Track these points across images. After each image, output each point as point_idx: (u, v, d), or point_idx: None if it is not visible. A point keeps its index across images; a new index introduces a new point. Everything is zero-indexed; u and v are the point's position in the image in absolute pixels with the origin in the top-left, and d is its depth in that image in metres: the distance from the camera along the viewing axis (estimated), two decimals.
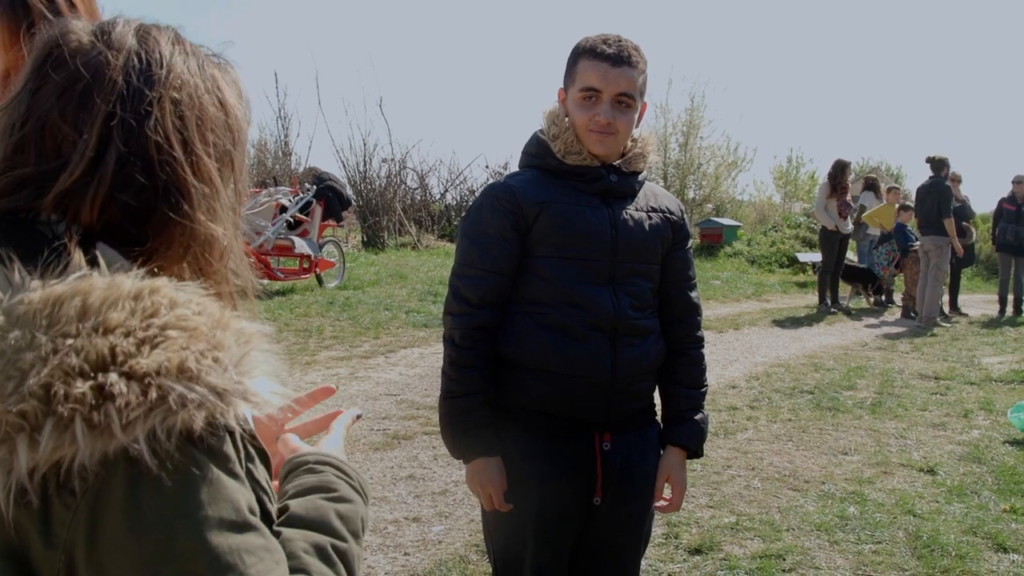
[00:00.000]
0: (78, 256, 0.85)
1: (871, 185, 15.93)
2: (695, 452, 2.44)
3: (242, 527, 0.83)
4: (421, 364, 8.19)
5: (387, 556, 4.03)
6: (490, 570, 3.46)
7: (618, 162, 2.31)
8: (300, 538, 0.97)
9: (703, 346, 2.47)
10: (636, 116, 2.27)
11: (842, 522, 4.54)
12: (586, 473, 2.29)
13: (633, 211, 2.31)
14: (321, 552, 0.97)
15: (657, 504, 2.44)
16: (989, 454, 5.88)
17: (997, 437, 6.33)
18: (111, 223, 0.91)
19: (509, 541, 2.33)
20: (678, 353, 2.41)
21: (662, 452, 2.43)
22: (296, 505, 1.02)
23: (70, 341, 0.79)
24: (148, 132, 0.91)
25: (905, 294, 13.49)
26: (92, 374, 0.78)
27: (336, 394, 6.40)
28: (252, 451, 0.92)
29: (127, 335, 0.80)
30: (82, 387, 0.77)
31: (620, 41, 2.22)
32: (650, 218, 2.33)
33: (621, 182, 2.30)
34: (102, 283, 0.83)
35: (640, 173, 2.36)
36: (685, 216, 2.46)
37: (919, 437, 6.32)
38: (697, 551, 4.13)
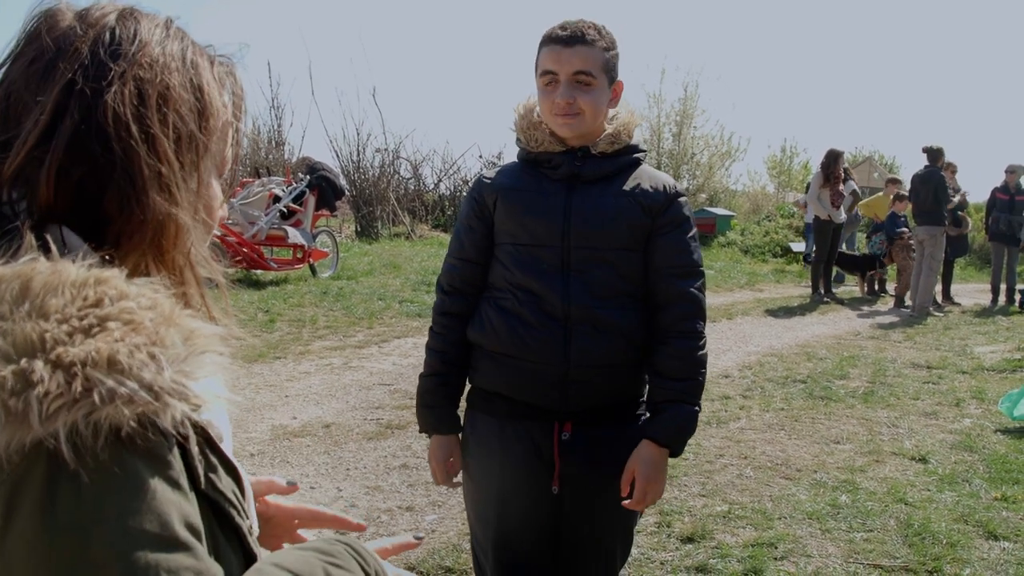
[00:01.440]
0: (29, 239, 0.82)
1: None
2: (670, 448, 2.23)
3: (169, 544, 0.77)
4: (415, 354, 8.18)
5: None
6: None
7: (596, 144, 2.26)
8: None
9: (692, 338, 2.26)
10: (601, 94, 2.20)
11: (834, 510, 4.56)
12: (544, 460, 2.28)
13: (599, 196, 2.23)
14: None
15: (624, 501, 2.26)
16: (980, 442, 5.91)
17: (989, 426, 6.36)
18: (71, 204, 0.88)
19: (476, 518, 2.42)
20: (660, 343, 2.26)
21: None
22: (285, 553, 0.97)
23: (1, 324, 0.75)
24: (105, 104, 0.88)
25: (902, 282, 13.46)
26: (16, 359, 0.74)
27: (329, 384, 6.37)
28: (213, 460, 0.88)
29: (62, 322, 0.76)
30: (3, 371, 0.73)
31: (577, 23, 2.20)
32: (617, 202, 2.23)
33: (587, 166, 2.25)
34: (46, 268, 0.79)
35: (615, 156, 2.27)
36: (680, 200, 2.30)
37: (911, 426, 6.34)
38: (689, 539, 4.14)
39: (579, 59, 2.16)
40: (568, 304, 2.20)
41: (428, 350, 2.43)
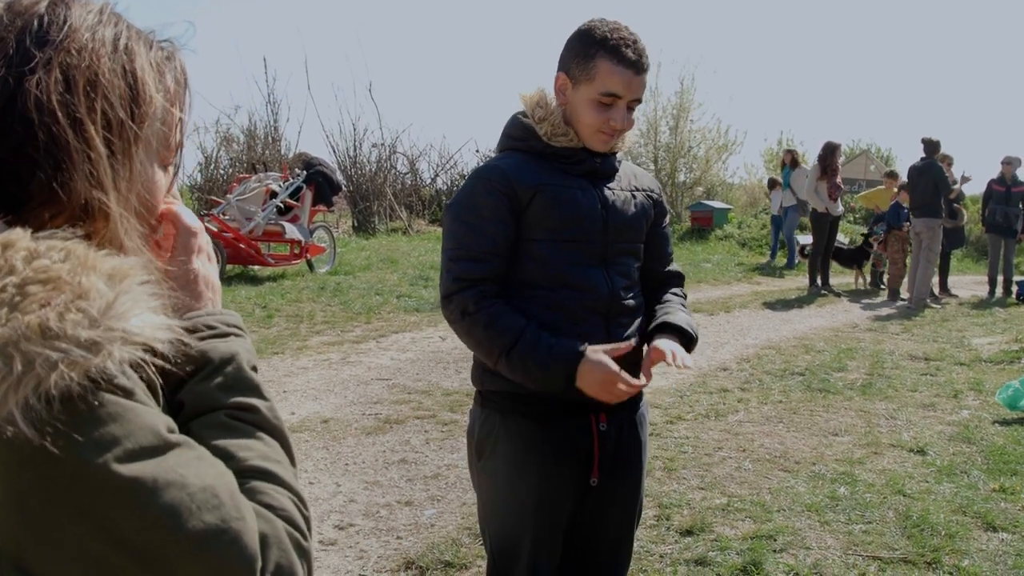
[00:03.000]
0: None
1: (793, 161, 16.09)
2: (684, 335, 2.29)
3: (167, 447, 0.81)
4: (412, 349, 8.19)
5: (380, 540, 4.04)
6: (482, 552, 3.46)
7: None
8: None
9: (685, 298, 2.49)
10: None
11: (832, 502, 4.57)
12: (584, 454, 2.30)
13: (619, 191, 2.32)
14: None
15: (647, 370, 2.25)
16: (978, 434, 5.91)
17: (986, 417, 6.36)
18: None
19: (507, 525, 2.33)
20: (662, 291, 2.45)
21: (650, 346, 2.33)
22: (198, 426, 0.98)
23: None
24: (27, 91, 0.87)
25: (894, 275, 13.47)
26: None
27: (327, 379, 6.38)
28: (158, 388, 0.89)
29: None
30: None
31: (637, 42, 2.18)
32: (634, 198, 2.35)
33: (604, 163, 2.31)
34: None
35: (616, 153, 2.37)
36: (662, 194, 2.49)
37: (909, 418, 6.35)
38: (688, 532, 4.14)
39: (642, 88, 2.21)
40: (612, 297, 2.25)
41: (491, 325, 2.13)
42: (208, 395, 0.97)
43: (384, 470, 4.98)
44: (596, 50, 2.16)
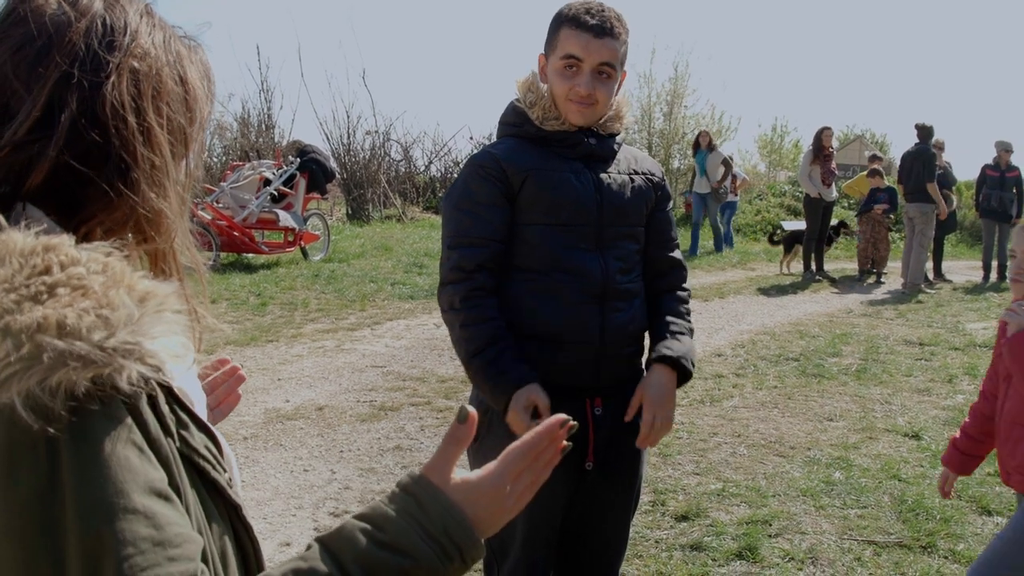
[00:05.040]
0: None
1: (710, 145, 16.10)
2: (680, 367, 2.27)
3: (126, 512, 0.77)
4: (407, 336, 8.18)
5: None
6: None
7: (604, 125, 2.33)
8: None
9: (689, 295, 2.45)
10: (615, 85, 2.28)
11: (828, 487, 4.57)
12: (578, 439, 2.28)
13: (616, 174, 2.32)
14: None
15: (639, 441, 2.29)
16: None
17: None
18: (49, 184, 0.88)
19: None
20: (667, 295, 2.40)
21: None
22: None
23: None
24: (103, 97, 0.88)
25: (859, 254, 13.64)
26: None
27: (322, 366, 6.35)
28: (184, 417, 0.88)
29: (9, 291, 0.77)
30: None
31: (603, 11, 2.21)
32: (633, 181, 2.35)
33: (600, 145, 2.31)
34: None
35: (616, 135, 2.37)
36: (664, 178, 2.48)
37: (904, 403, 6.36)
38: (684, 518, 4.15)
39: (607, 51, 2.19)
40: (606, 281, 2.24)
41: (470, 326, 2.18)
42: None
43: (379, 457, 4.98)
44: (561, 23, 2.23)
